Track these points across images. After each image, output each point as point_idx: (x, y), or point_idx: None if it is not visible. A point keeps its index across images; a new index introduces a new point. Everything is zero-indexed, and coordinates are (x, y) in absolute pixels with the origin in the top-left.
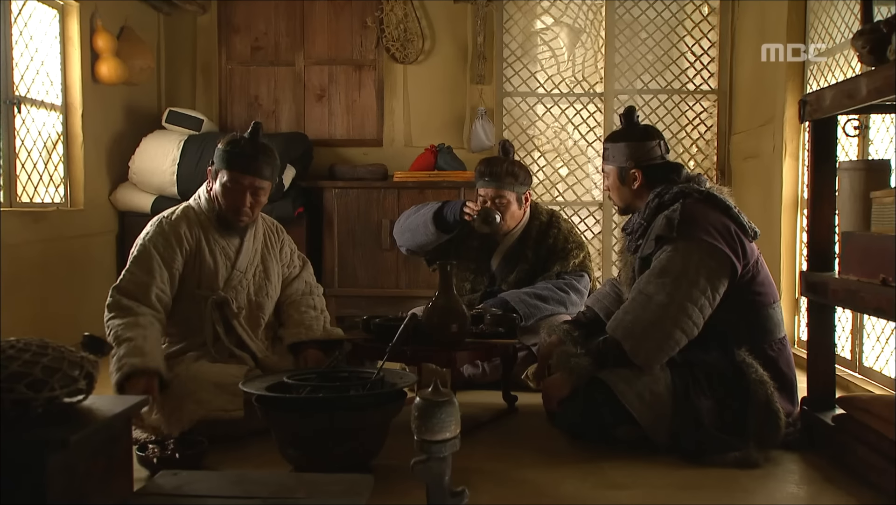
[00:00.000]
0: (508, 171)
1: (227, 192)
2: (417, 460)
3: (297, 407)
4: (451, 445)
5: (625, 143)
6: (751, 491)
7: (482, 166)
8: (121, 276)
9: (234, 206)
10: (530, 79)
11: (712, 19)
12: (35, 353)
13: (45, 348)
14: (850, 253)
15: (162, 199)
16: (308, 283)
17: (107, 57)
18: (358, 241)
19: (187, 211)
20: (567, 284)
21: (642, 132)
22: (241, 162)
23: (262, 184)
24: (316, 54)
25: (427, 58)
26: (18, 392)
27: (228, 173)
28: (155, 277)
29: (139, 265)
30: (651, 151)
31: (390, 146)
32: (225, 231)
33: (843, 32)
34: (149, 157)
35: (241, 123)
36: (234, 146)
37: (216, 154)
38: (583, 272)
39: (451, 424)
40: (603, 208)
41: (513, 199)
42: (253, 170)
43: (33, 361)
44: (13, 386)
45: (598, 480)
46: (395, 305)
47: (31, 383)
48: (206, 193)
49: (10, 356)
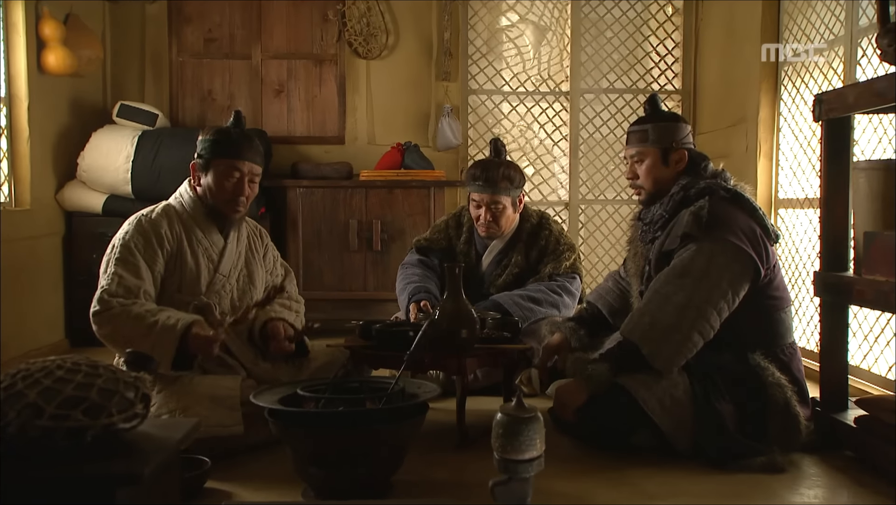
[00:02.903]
0: (504, 176)
1: (224, 180)
2: (497, 482)
3: (322, 422)
4: (537, 464)
5: (668, 124)
6: (787, 497)
7: (476, 170)
8: (106, 280)
9: (232, 195)
10: (496, 76)
11: (676, 20)
12: (87, 373)
13: (95, 368)
14: (875, 253)
15: (114, 199)
16: (289, 292)
17: (54, 46)
18: (324, 243)
19: (168, 210)
20: (559, 285)
21: (677, 115)
22: (234, 149)
23: (257, 170)
24: (274, 48)
25: (391, 53)
26: (74, 419)
27: (224, 162)
28: (143, 279)
29: (125, 267)
30: (689, 134)
31: (353, 144)
32: (209, 231)
33: (821, 33)
34: (100, 154)
35: (193, 119)
36: (223, 134)
37: (203, 145)
38: (575, 274)
39: (536, 442)
40: (569, 208)
41: (508, 204)
42: (248, 156)
43: (87, 384)
44: (69, 412)
45: (632, 490)
46: (362, 309)
47: (87, 409)
48: (189, 191)
49: (60, 378)
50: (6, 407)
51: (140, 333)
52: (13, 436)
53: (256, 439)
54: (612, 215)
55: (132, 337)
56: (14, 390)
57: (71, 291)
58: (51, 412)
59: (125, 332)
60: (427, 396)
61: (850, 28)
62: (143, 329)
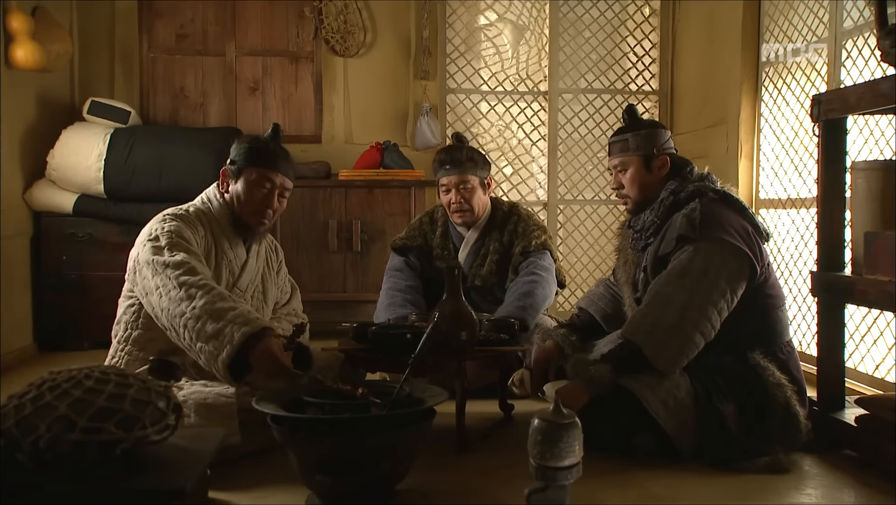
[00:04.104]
0: (468, 157)
1: (255, 190)
2: (534, 490)
3: (332, 428)
4: (576, 471)
5: (648, 131)
6: (796, 497)
7: (441, 155)
8: (168, 256)
9: (261, 206)
10: (474, 76)
11: (654, 20)
12: (118, 382)
13: (125, 377)
14: (877, 253)
15: (85, 199)
16: (295, 309)
17: (23, 40)
18: (302, 243)
19: (199, 213)
20: (535, 266)
21: (657, 122)
22: (270, 159)
23: (289, 185)
24: (248, 44)
25: (369, 51)
26: (108, 432)
27: (257, 171)
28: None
29: (183, 250)
30: (670, 140)
31: (330, 143)
32: (235, 242)
33: (803, 34)
34: (71, 152)
35: (164, 116)
36: (261, 143)
37: (238, 152)
38: (545, 250)
39: (575, 448)
40: (547, 208)
41: (477, 185)
42: (283, 169)
43: (119, 394)
44: (102, 425)
45: (640, 492)
46: (342, 310)
47: (120, 421)
48: (217, 197)
49: (90, 389)
50: (36, 420)
51: (211, 312)
52: (43, 450)
53: (252, 447)
54: (590, 215)
55: (199, 313)
56: (42, 402)
57: (39, 293)
58: (83, 425)
59: (193, 303)
60: (436, 401)
61: (834, 30)
62: (215, 309)
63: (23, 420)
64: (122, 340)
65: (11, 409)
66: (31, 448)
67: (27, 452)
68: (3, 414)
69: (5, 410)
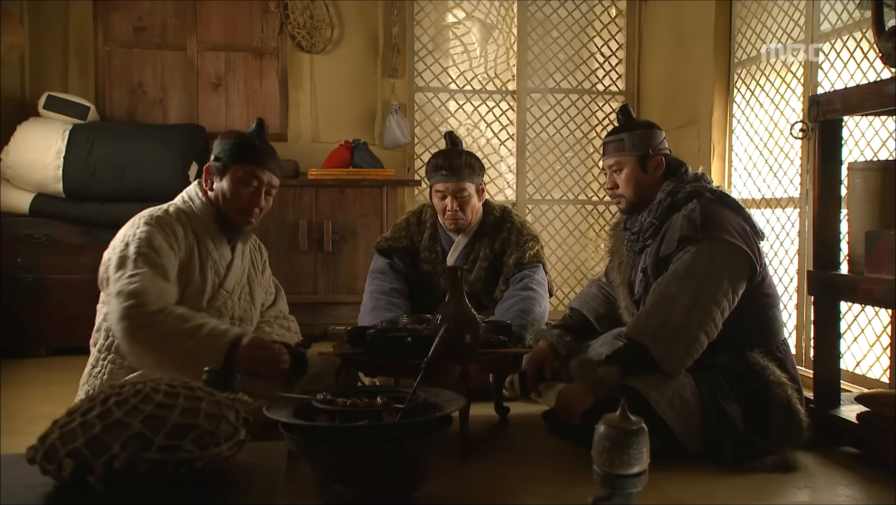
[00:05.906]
0: (467, 163)
1: (241, 187)
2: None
3: (353, 436)
4: (643, 479)
5: (644, 131)
6: (810, 497)
7: (438, 159)
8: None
9: (247, 204)
10: (442, 74)
11: (620, 21)
12: (187, 396)
13: (192, 389)
14: (879, 252)
15: (43, 198)
16: (283, 312)
17: None
18: (272, 244)
19: (180, 213)
20: (530, 280)
21: (651, 123)
22: (257, 156)
23: (276, 182)
24: (210, 39)
25: (336, 48)
26: (185, 450)
27: (244, 168)
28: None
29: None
30: (664, 140)
31: (297, 141)
32: (219, 242)
33: (777, 36)
34: (27, 149)
35: (122, 112)
36: (246, 139)
37: (222, 148)
38: (539, 262)
39: (643, 456)
40: (516, 207)
41: (473, 192)
42: (270, 166)
43: (193, 409)
44: (179, 442)
45: (657, 494)
46: (313, 312)
47: (196, 437)
48: (200, 195)
49: (161, 403)
50: (109, 438)
51: (183, 334)
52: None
53: None
54: (558, 215)
55: (170, 341)
56: (112, 419)
57: None
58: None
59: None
60: (454, 407)
61: (810, 32)
62: (186, 330)
63: (93, 439)
64: (104, 349)
65: (77, 427)
66: (104, 470)
67: (99, 475)
68: (69, 433)
69: (69, 429)
